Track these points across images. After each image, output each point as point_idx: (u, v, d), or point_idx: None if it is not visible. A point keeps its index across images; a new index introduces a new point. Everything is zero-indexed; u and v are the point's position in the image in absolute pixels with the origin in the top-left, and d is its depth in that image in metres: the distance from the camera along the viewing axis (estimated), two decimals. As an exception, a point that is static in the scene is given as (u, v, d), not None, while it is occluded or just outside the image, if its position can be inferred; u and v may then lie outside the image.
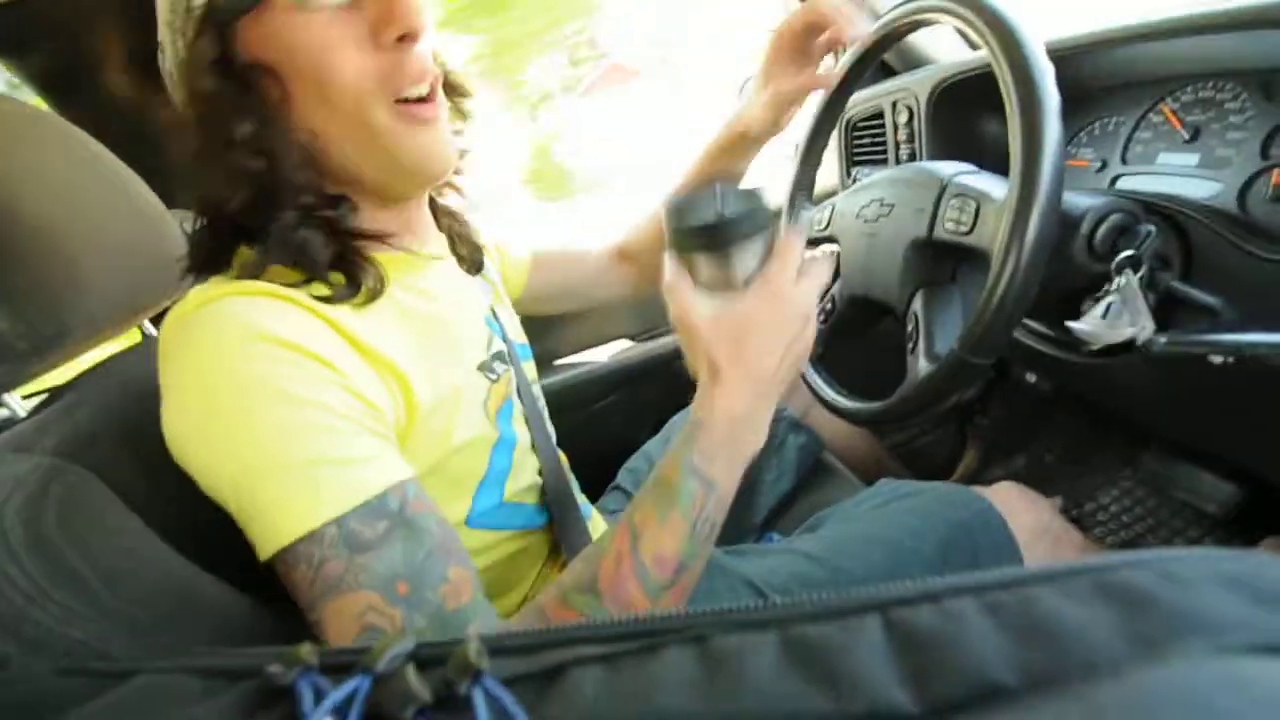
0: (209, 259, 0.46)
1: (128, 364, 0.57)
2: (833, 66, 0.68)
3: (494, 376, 0.56)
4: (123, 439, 0.47)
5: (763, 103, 0.66)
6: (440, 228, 0.61)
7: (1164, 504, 0.99)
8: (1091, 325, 0.55)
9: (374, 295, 0.45)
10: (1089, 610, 0.17)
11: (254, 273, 0.42)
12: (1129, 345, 0.55)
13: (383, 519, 0.38)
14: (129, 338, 0.62)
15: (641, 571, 0.42)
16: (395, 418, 0.44)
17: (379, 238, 0.48)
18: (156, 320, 0.63)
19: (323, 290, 0.43)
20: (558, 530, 0.58)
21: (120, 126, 0.49)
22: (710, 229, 0.47)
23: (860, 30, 0.61)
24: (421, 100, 0.46)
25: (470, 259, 0.63)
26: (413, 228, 0.54)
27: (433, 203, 0.62)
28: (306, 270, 0.43)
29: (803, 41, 0.64)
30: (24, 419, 0.50)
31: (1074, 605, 0.17)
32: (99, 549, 0.39)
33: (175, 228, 0.53)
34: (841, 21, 0.60)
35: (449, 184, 0.63)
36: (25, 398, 0.84)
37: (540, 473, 0.59)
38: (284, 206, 0.44)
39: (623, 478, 0.91)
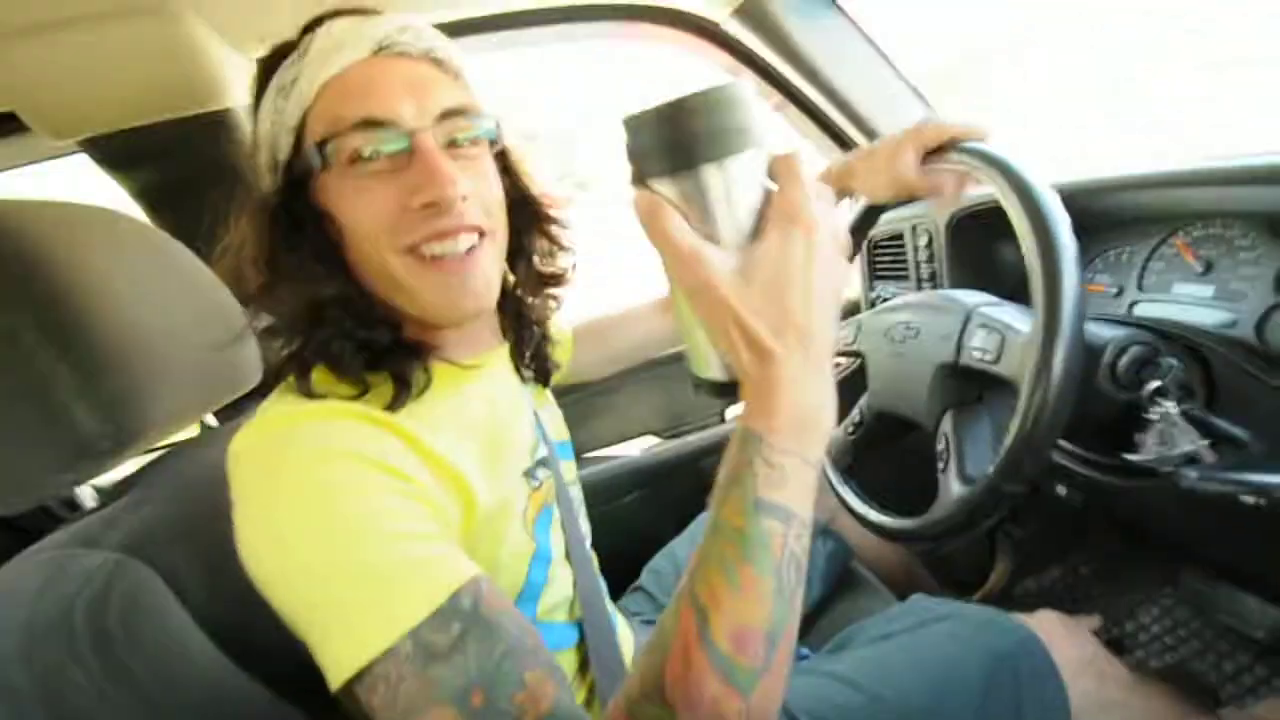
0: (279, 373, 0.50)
1: (190, 458, 0.60)
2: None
3: (536, 484, 0.56)
4: (184, 536, 0.49)
5: (885, 181, 0.64)
6: (506, 336, 0.63)
7: (1208, 625, 0.95)
8: (1154, 453, 0.56)
9: (415, 392, 0.48)
10: None
11: (310, 386, 0.46)
12: (1191, 459, 0.55)
13: (455, 621, 0.36)
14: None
15: (720, 662, 0.33)
16: (459, 525, 0.45)
17: (419, 347, 0.51)
18: (217, 412, 0.66)
19: (380, 400, 0.46)
20: (590, 649, 0.56)
21: (202, 235, 0.55)
22: (684, 140, 0.35)
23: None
24: (445, 255, 0.48)
25: (537, 371, 0.65)
26: (466, 336, 0.56)
27: (516, 312, 0.63)
28: (345, 374, 0.47)
29: (934, 145, 0.62)
30: (92, 510, 0.53)
31: None
32: (155, 651, 0.40)
33: (246, 327, 0.56)
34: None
35: (549, 296, 0.65)
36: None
37: (574, 584, 0.57)
38: (330, 323, 0.48)
39: (646, 579, 0.90)
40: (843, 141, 1.12)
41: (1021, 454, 0.50)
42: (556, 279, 0.64)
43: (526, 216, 0.59)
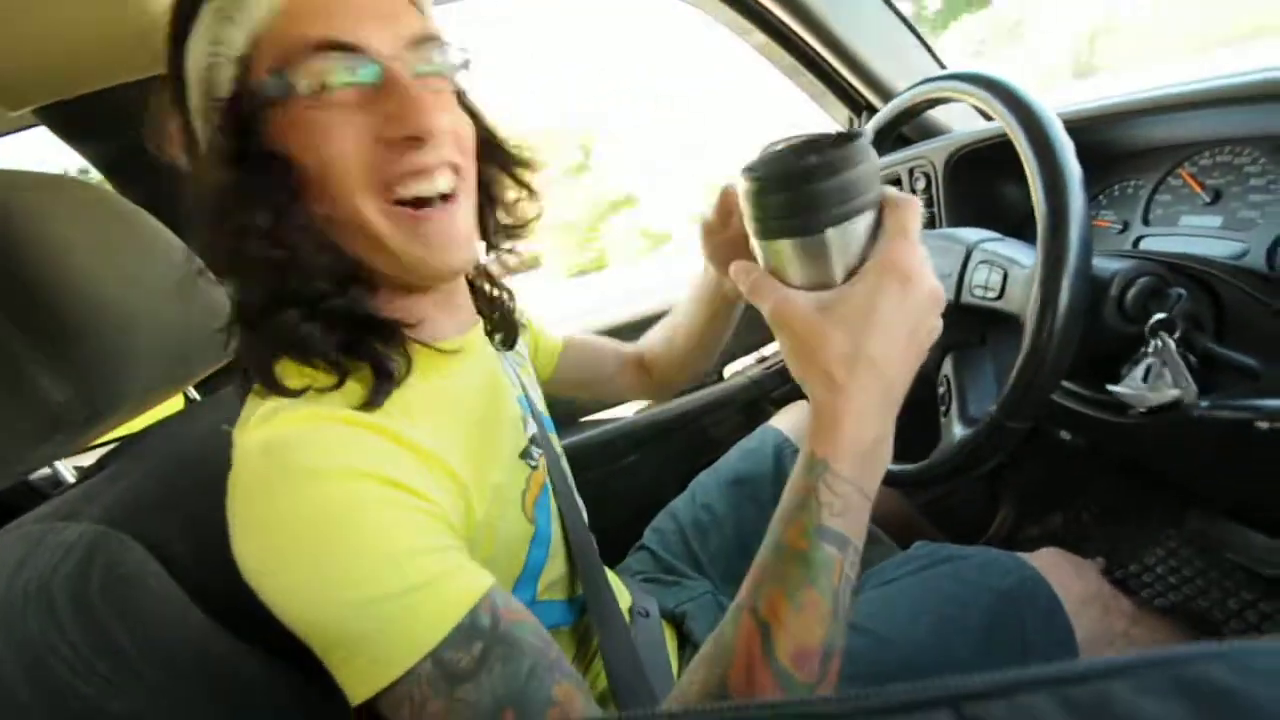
0: (256, 358, 0.45)
1: (172, 431, 0.59)
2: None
3: (534, 464, 0.54)
4: (167, 507, 0.48)
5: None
6: (477, 306, 0.59)
7: (1214, 565, 0.95)
8: (1134, 388, 0.54)
9: (396, 381, 0.44)
10: (1166, 706, 0.17)
11: (280, 385, 0.41)
12: (1170, 407, 0.54)
13: (477, 640, 0.36)
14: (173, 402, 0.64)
15: (783, 678, 0.35)
16: (461, 524, 0.43)
17: (396, 327, 0.46)
18: (198, 386, 0.65)
19: (358, 391, 0.42)
20: (594, 623, 0.54)
21: (173, 203, 0.52)
22: (806, 204, 0.36)
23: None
24: (423, 202, 0.44)
25: (506, 336, 0.62)
26: (444, 311, 0.53)
27: (484, 269, 0.60)
28: (316, 360, 0.43)
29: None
30: (72, 485, 0.52)
31: (1151, 701, 0.17)
32: (140, 620, 0.40)
33: (223, 298, 0.55)
34: None
35: (512, 251, 0.60)
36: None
37: (569, 560, 0.56)
38: (296, 300, 0.43)
39: (648, 537, 0.90)
40: (851, 99, 1.08)
41: (1027, 389, 0.49)
42: (521, 229, 0.59)
43: (493, 160, 0.55)
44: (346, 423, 0.40)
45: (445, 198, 0.46)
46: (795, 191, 0.36)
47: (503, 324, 0.61)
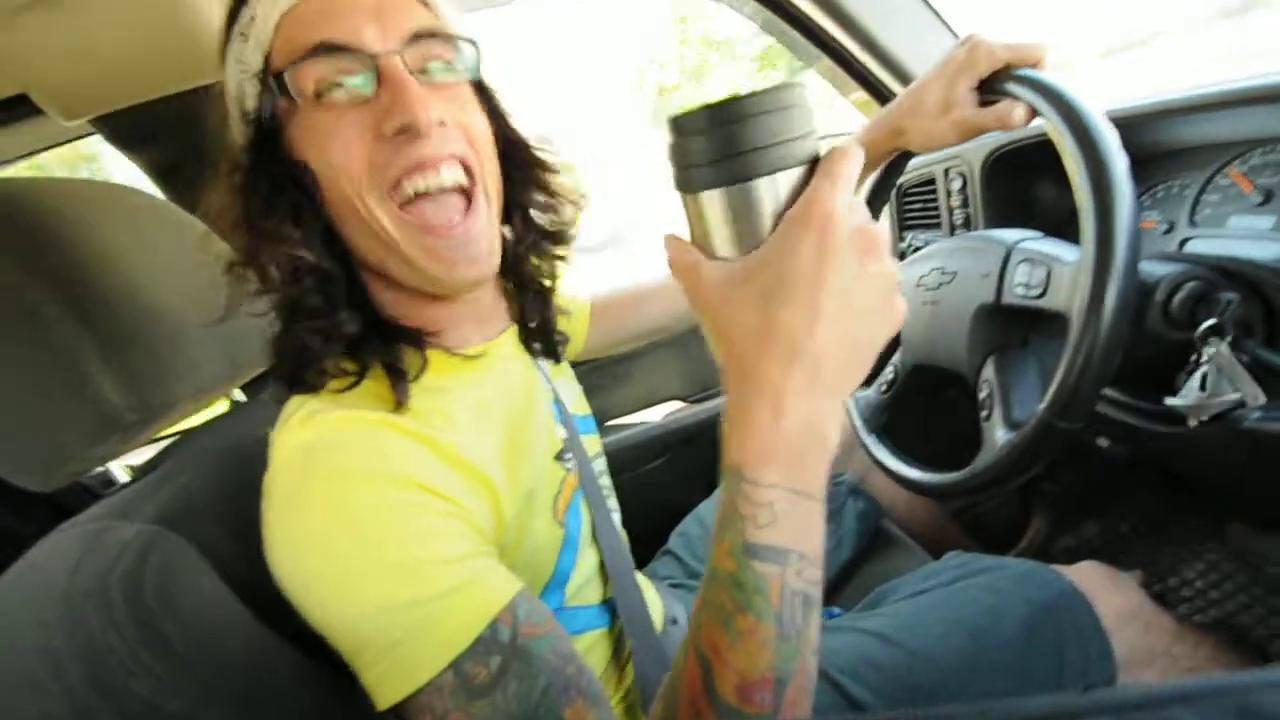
0: (294, 360, 0.46)
1: (220, 432, 0.61)
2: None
3: (569, 467, 0.54)
4: (216, 507, 0.49)
5: (943, 128, 0.58)
6: (511, 312, 0.59)
7: (1257, 580, 0.91)
8: (1193, 398, 0.53)
9: (406, 378, 0.44)
10: None
11: (318, 381, 0.43)
12: (1231, 412, 0.52)
13: (495, 654, 0.36)
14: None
15: (731, 715, 0.32)
16: (491, 530, 0.44)
17: (417, 334, 0.47)
18: (245, 387, 0.67)
19: (386, 394, 0.43)
20: (626, 629, 0.54)
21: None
22: (727, 146, 0.32)
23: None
24: (423, 196, 0.44)
25: (545, 346, 0.60)
26: (469, 318, 0.52)
27: (517, 277, 0.58)
28: (344, 363, 0.44)
29: (988, 73, 0.56)
30: (125, 485, 0.53)
31: None
32: (192, 620, 0.41)
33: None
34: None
35: (553, 256, 0.59)
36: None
37: (601, 564, 0.56)
38: (314, 309, 0.45)
39: (674, 542, 0.90)
40: (877, 91, 1.06)
41: (1078, 385, 0.47)
42: (560, 235, 0.58)
43: (519, 164, 0.54)
44: (381, 426, 0.41)
45: (462, 192, 0.46)
46: (718, 133, 0.31)
47: (539, 333, 0.59)
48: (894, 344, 0.77)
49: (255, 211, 0.43)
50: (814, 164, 0.33)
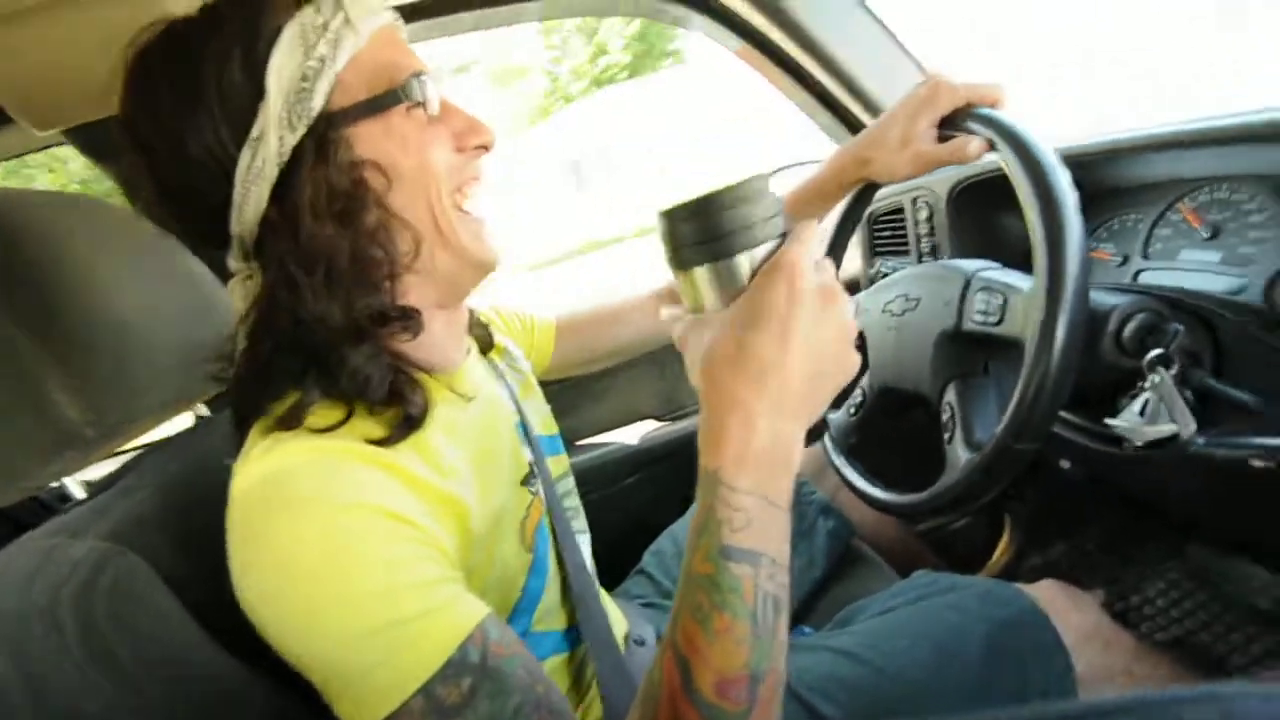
0: (256, 392, 0.45)
1: (180, 449, 0.60)
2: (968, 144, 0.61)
3: (534, 490, 0.54)
4: (173, 525, 0.48)
5: (904, 161, 0.62)
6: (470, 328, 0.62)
7: (1215, 599, 0.94)
8: (1130, 422, 0.55)
9: (417, 425, 0.44)
10: None
11: (299, 415, 0.41)
12: (1166, 442, 0.54)
13: (466, 675, 0.36)
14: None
15: (709, 710, 0.34)
16: (457, 556, 0.43)
17: (425, 369, 0.48)
18: (209, 402, 0.66)
19: (373, 430, 0.42)
20: (589, 653, 0.54)
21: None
22: (714, 230, 0.39)
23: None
24: (474, 205, 0.51)
25: (480, 337, 0.63)
26: (453, 335, 0.55)
27: None
28: (363, 402, 0.43)
29: (948, 111, 0.60)
30: (81, 501, 0.52)
31: None
32: (144, 640, 0.40)
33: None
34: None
35: None
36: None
37: (564, 590, 0.56)
38: (363, 325, 0.44)
39: (647, 560, 0.90)
40: (847, 120, 1.10)
41: (1032, 409, 0.49)
42: None
43: None
44: (349, 455, 0.41)
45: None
46: (704, 219, 0.39)
47: (475, 328, 0.64)
48: (862, 368, 0.78)
49: (341, 209, 0.44)
50: (782, 237, 0.41)
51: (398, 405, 0.44)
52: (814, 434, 0.41)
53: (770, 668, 0.36)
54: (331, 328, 0.43)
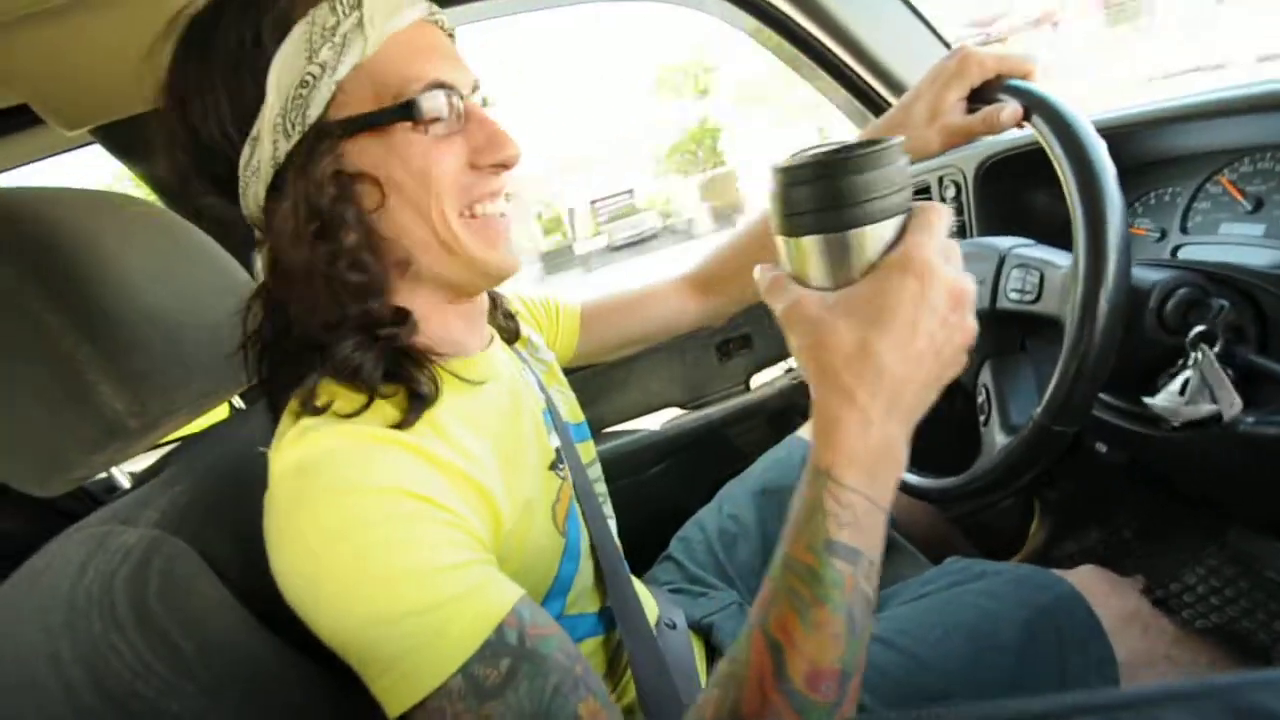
0: (279, 377, 0.47)
1: (220, 439, 0.61)
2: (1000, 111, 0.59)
3: (563, 475, 0.55)
4: (216, 513, 0.49)
5: (934, 135, 0.61)
6: (490, 318, 0.62)
7: (1257, 585, 0.92)
8: (1170, 401, 0.53)
9: (429, 400, 0.45)
10: None
11: (324, 401, 0.43)
12: (1211, 422, 0.53)
13: (504, 656, 0.37)
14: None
15: (796, 700, 0.34)
16: (490, 541, 0.44)
17: (428, 355, 0.48)
18: (244, 394, 0.67)
19: (391, 414, 0.43)
20: (624, 635, 0.54)
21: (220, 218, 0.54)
22: (832, 200, 0.35)
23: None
24: (489, 214, 0.50)
25: (508, 329, 0.64)
26: (471, 329, 0.56)
27: None
28: (363, 388, 0.44)
29: (978, 83, 0.59)
30: (128, 490, 0.54)
31: None
32: (195, 623, 0.41)
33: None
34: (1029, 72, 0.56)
35: None
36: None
37: (597, 572, 0.56)
38: (350, 327, 0.45)
39: (675, 547, 0.90)
40: (870, 100, 1.08)
41: (1072, 389, 0.48)
42: None
43: None
44: (378, 440, 0.41)
45: (503, 213, 0.51)
46: (822, 186, 0.35)
47: (501, 319, 0.64)
48: None
49: (325, 222, 0.44)
50: (906, 214, 0.37)
51: (404, 384, 0.45)
52: None
53: (858, 665, 0.35)
54: (312, 325, 0.45)
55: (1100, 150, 0.48)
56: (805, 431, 0.96)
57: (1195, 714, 0.17)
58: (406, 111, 0.44)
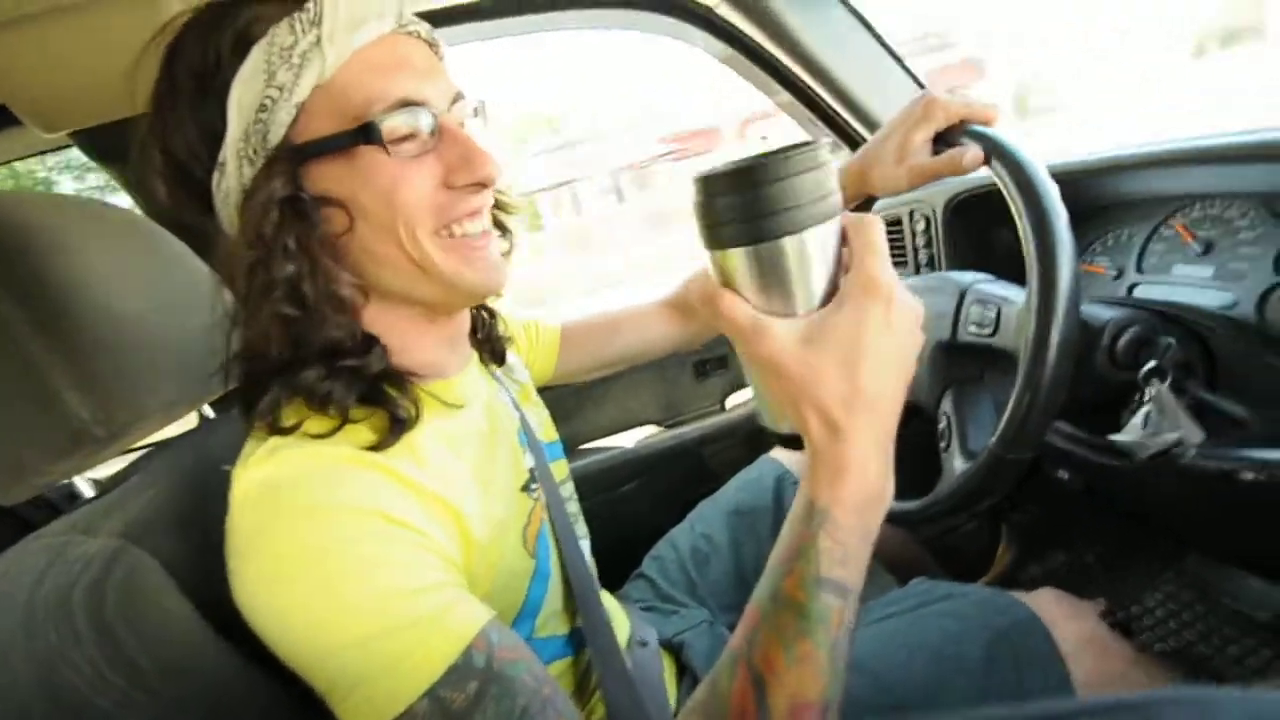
0: (253, 394, 0.45)
1: (186, 448, 0.60)
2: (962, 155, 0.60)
3: (535, 497, 0.54)
4: (182, 523, 0.49)
5: (902, 174, 0.62)
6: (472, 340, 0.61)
7: (1213, 610, 0.94)
8: (1134, 435, 0.55)
9: (407, 426, 0.44)
10: None
11: (293, 421, 0.42)
12: (1171, 450, 0.55)
13: (472, 679, 0.36)
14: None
15: None
16: (460, 562, 0.43)
17: (406, 377, 0.47)
18: (214, 404, 0.67)
19: (366, 436, 0.43)
20: (592, 658, 0.54)
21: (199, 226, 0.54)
22: (756, 206, 0.33)
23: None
24: (469, 234, 0.48)
25: (494, 352, 0.63)
26: (450, 349, 0.55)
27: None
28: (337, 414, 0.43)
29: (943, 126, 0.61)
30: (91, 499, 0.53)
31: None
32: (154, 637, 0.40)
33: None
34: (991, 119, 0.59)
35: None
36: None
37: (566, 594, 0.56)
38: (313, 355, 0.44)
39: (647, 565, 0.90)
40: (844, 133, 1.11)
41: (1024, 420, 0.50)
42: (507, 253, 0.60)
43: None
44: (348, 461, 0.41)
45: (485, 231, 0.49)
46: (744, 193, 0.33)
47: (488, 343, 0.63)
48: None
49: (266, 255, 0.43)
50: (836, 221, 0.36)
51: (381, 408, 0.44)
52: (797, 441, 0.39)
53: (837, 700, 0.36)
54: (274, 354, 0.43)
55: (1053, 195, 0.51)
56: (779, 453, 0.97)
57: None
58: (366, 134, 0.42)
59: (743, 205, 0.34)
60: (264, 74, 0.41)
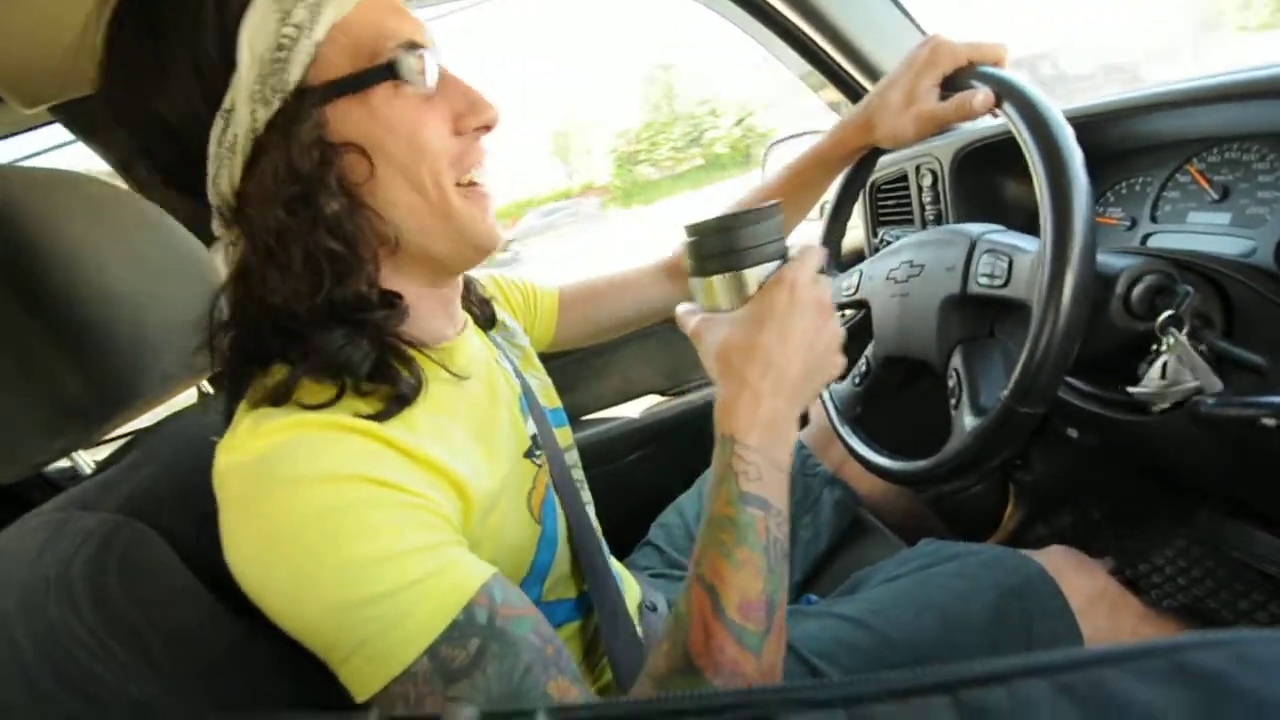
0: (244, 367, 0.44)
1: (185, 424, 0.60)
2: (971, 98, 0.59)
3: (539, 462, 0.54)
4: (180, 497, 0.48)
5: (908, 122, 0.62)
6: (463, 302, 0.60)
7: (1223, 565, 0.94)
8: (1153, 386, 0.54)
9: (410, 401, 0.43)
10: (1162, 693, 0.17)
11: (287, 392, 0.41)
12: (1190, 399, 0.54)
13: (473, 636, 0.36)
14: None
15: (735, 630, 0.39)
16: (460, 525, 0.43)
17: (413, 347, 0.46)
18: (212, 379, 0.66)
19: (364, 408, 0.41)
20: (602, 621, 0.54)
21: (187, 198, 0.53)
22: (731, 246, 0.47)
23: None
24: (480, 182, 0.49)
25: (483, 314, 0.63)
26: (448, 312, 0.54)
27: None
28: (348, 379, 0.42)
29: (951, 71, 0.60)
30: (90, 475, 0.53)
31: (1146, 688, 0.17)
32: (156, 606, 0.40)
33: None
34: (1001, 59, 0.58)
35: None
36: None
37: (574, 559, 0.56)
38: (336, 310, 0.43)
39: (654, 533, 0.90)
40: (845, 84, 1.08)
41: (1037, 372, 0.49)
42: None
43: None
44: (338, 427, 0.40)
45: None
46: (724, 237, 0.47)
47: (477, 306, 0.63)
48: (866, 337, 0.78)
49: (307, 191, 0.41)
50: (785, 256, 0.49)
51: (389, 384, 0.43)
52: (801, 420, 0.49)
53: (781, 599, 0.42)
54: (298, 313, 0.42)
55: (1067, 136, 0.49)
56: None
57: (1137, 672, 0.17)
58: (389, 71, 0.42)
59: (723, 245, 0.47)
60: (277, 14, 0.40)
